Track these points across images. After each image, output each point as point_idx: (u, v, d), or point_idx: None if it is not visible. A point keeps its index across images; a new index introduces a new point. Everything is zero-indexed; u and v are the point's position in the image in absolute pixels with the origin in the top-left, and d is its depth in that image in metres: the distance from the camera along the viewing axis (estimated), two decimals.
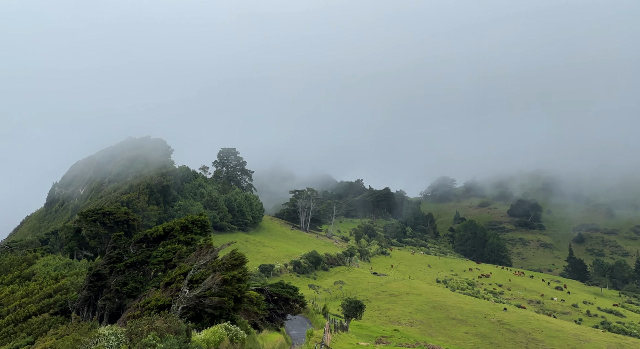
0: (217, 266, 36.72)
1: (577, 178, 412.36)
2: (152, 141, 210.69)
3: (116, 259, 51.49)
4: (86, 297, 50.58)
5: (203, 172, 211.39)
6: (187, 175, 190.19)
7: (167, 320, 27.35)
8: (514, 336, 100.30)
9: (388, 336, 69.53)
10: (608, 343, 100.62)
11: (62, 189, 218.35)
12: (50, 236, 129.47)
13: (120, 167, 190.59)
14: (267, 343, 41.92)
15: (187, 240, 50.95)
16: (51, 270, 70.18)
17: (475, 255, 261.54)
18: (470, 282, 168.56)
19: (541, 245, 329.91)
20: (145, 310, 34.68)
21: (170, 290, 36.25)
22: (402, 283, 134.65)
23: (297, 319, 68.12)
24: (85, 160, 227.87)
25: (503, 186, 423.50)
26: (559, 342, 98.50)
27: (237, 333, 31.61)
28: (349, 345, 37.03)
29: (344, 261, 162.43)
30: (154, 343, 24.27)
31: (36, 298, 59.13)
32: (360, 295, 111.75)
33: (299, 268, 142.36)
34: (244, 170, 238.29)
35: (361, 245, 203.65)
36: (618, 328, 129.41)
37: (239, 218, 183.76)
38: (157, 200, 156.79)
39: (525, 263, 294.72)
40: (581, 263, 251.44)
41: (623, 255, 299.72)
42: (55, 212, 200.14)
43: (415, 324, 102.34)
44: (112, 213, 79.12)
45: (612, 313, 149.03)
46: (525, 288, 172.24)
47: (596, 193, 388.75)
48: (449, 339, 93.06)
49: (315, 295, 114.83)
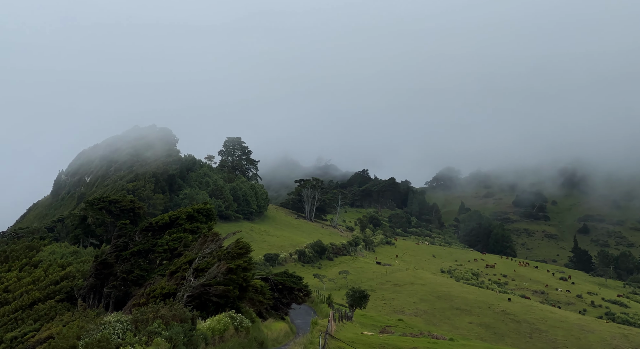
0: (222, 255, 36.85)
1: (584, 170, 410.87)
2: (158, 130, 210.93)
3: (122, 247, 51.74)
4: (92, 285, 50.91)
5: (209, 161, 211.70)
6: (193, 164, 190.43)
7: (172, 308, 27.50)
8: (518, 326, 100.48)
9: (392, 326, 69.74)
10: (612, 333, 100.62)
11: (68, 177, 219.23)
12: (56, 224, 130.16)
13: (126, 156, 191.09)
14: (272, 332, 42.12)
15: (192, 228, 51.11)
16: (58, 257, 70.57)
17: (480, 245, 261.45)
18: (474, 272, 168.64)
19: (546, 236, 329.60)
20: (150, 298, 34.87)
21: (176, 278, 36.43)
22: (406, 273, 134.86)
23: (302, 309, 68.38)
24: (92, 148, 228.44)
25: (508, 176, 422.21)
26: (563, 332, 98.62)
27: (242, 322, 31.77)
28: (353, 334, 37.20)
29: (349, 251, 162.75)
30: (159, 330, 24.43)
31: (42, 285, 59.53)
32: (364, 285, 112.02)
33: (304, 258, 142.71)
34: (250, 160, 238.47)
35: (366, 235, 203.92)
36: (622, 318, 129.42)
37: (244, 207, 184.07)
38: (163, 188, 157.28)
39: (530, 253, 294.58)
40: (586, 254, 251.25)
41: (628, 246, 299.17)
42: (61, 200, 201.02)
43: (419, 314, 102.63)
44: (118, 202, 79.40)
45: (617, 303, 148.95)
46: (530, 278, 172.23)
47: (603, 184, 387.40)
48: (453, 329, 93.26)
49: (319, 285, 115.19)
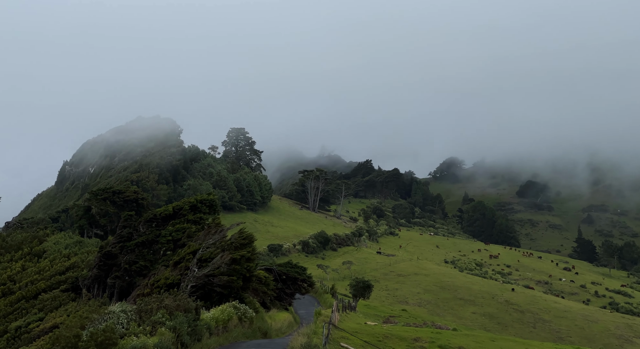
0: (226, 246, 36.87)
1: (588, 159, 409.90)
2: (162, 120, 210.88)
3: (126, 238, 51.81)
4: (97, 275, 51.06)
5: (212, 152, 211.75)
6: (197, 154, 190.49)
7: (176, 298, 27.56)
8: (521, 316, 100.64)
9: (396, 316, 69.91)
10: (616, 323, 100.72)
11: (72, 168, 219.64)
12: (61, 214, 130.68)
13: (130, 146, 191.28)
14: (276, 322, 42.23)
15: (196, 219, 51.09)
16: (62, 247, 70.82)
17: (484, 235, 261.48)
18: (478, 263, 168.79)
19: (550, 226, 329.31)
20: (154, 288, 34.96)
21: (180, 268, 36.48)
22: (410, 264, 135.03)
23: (306, 299, 68.54)
24: (96, 139, 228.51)
25: (512, 167, 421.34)
26: (566, 322, 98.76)
27: (245, 312, 31.83)
28: (357, 325, 37.25)
29: (353, 241, 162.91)
30: (163, 320, 24.48)
31: (47, 275, 59.78)
32: (368, 275, 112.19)
33: (308, 248, 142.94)
34: (253, 150, 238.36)
35: (370, 225, 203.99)
36: (626, 308, 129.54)
37: (247, 198, 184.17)
38: (167, 179, 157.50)
39: (534, 243, 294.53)
40: (590, 244, 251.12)
41: (632, 236, 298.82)
42: (66, 190, 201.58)
43: (423, 304, 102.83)
44: (122, 192, 79.60)
45: (620, 293, 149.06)
46: (534, 268, 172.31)
47: (605, 174, 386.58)
48: (457, 319, 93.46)
49: (323, 275, 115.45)
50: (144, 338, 22.32)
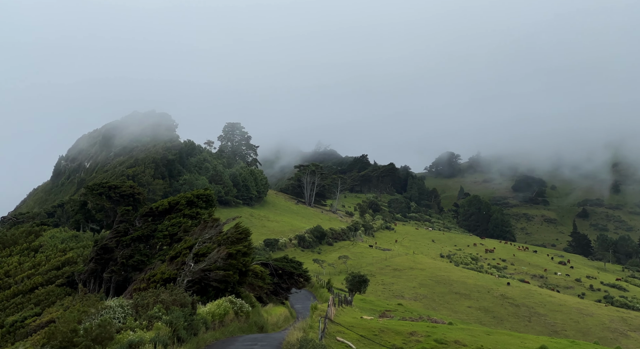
0: (222, 240, 36.95)
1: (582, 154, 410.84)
2: (157, 115, 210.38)
3: (122, 232, 51.84)
4: (93, 269, 51.08)
5: (208, 147, 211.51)
6: (192, 149, 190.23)
7: (172, 293, 27.63)
8: (517, 310, 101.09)
9: (392, 310, 70.20)
10: (611, 316, 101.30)
11: (68, 162, 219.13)
12: (56, 209, 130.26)
13: (126, 141, 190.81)
14: (272, 316, 42.35)
15: (192, 214, 51.16)
16: (58, 242, 70.78)
17: (479, 230, 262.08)
18: (474, 257, 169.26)
19: (545, 220, 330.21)
20: (151, 283, 35.02)
21: (176, 263, 36.54)
22: (406, 258, 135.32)
23: (302, 293, 68.73)
24: (91, 133, 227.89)
25: (508, 161, 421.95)
26: (561, 316, 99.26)
27: (242, 306, 31.93)
28: (353, 319, 37.37)
29: (349, 236, 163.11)
30: (159, 315, 24.55)
31: (43, 269, 59.77)
32: (364, 270, 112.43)
33: (304, 243, 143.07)
34: (249, 145, 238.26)
35: (366, 219, 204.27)
36: (621, 302, 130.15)
37: (243, 192, 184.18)
38: (163, 174, 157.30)
39: (529, 238, 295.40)
40: (585, 238, 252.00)
41: (627, 229, 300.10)
42: (61, 185, 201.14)
43: (418, 298, 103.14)
44: (118, 187, 79.31)
45: (615, 287, 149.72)
46: (529, 262, 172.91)
47: (600, 168, 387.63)
48: (452, 313, 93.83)
49: (319, 269, 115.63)
50: (140, 333, 22.38)
